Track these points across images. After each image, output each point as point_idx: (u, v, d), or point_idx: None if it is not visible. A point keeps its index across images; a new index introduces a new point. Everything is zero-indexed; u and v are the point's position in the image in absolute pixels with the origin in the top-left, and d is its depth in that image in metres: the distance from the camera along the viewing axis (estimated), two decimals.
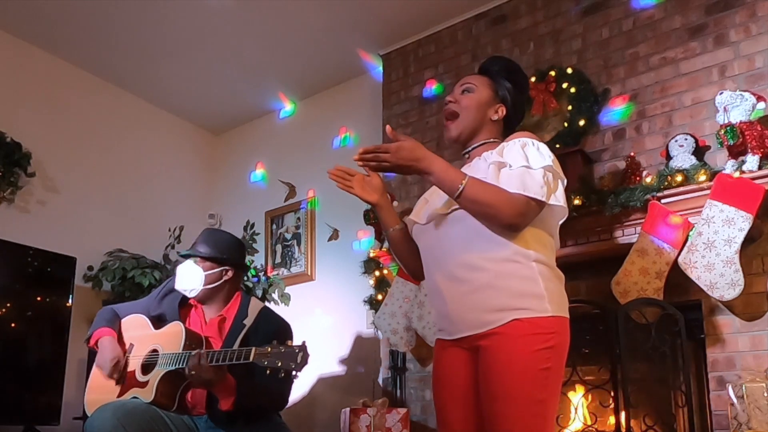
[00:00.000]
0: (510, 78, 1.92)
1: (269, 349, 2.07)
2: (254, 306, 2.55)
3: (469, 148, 1.89)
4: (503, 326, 1.66)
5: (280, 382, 2.37)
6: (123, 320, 2.59)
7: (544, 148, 1.74)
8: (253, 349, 2.12)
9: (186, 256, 2.57)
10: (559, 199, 1.70)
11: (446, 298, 1.76)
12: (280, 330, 2.41)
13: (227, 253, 2.57)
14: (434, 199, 1.87)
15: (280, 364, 2.04)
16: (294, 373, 2.04)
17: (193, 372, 2.19)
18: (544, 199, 1.67)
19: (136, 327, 2.54)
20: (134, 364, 2.44)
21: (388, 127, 1.79)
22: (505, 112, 1.89)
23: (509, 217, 1.65)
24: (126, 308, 2.67)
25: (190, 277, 2.50)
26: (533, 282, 1.69)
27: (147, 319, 2.53)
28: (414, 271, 1.98)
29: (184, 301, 2.58)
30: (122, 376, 2.43)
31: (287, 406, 2.52)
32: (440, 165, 1.69)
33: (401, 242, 1.97)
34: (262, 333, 2.36)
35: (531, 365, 1.64)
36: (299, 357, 2.03)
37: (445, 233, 1.78)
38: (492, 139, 1.86)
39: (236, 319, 2.49)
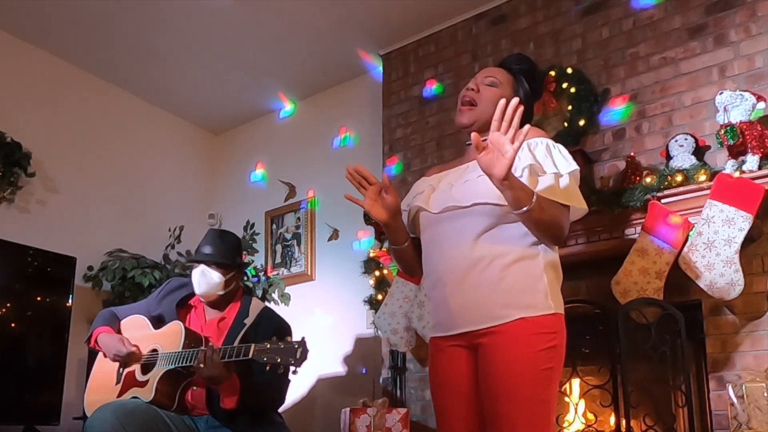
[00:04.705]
0: (530, 82, 1.90)
1: (268, 345, 2.09)
2: (255, 306, 2.56)
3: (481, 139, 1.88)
4: (507, 324, 1.66)
5: (278, 381, 2.38)
6: (123, 321, 2.59)
7: (564, 150, 1.76)
8: (253, 345, 2.13)
9: (198, 261, 2.55)
10: (584, 202, 1.74)
11: (450, 292, 1.74)
12: (280, 329, 2.42)
13: (238, 257, 2.61)
14: (444, 188, 1.84)
15: (279, 360, 2.05)
16: (293, 368, 2.05)
17: (201, 365, 2.19)
18: (585, 207, 1.72)
19: (136, 327, 2.54)
20: (134, 364, 2.45)
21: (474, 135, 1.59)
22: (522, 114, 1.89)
23: (565, 231, 1.70)
24: (126, 310, 2.67)
25: (211, 284, 2.51)
26: (539, 279, 1.70)
27: (147, 320, 2.53)
28: (420, 272, 1.95)
29: (183, 301, 2.59)
30: (132, 358, 2.43)
31: (285, 406, 2.52)
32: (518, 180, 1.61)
33: (409, 254, 1.92)
34: (262, 332, 2.36)
35: (535, 365, 1.64)
36: (298, 353, 2.04)
37: (460, 226, 1.74)
38: None
39: (237, 319, 2.50)
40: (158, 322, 2.52)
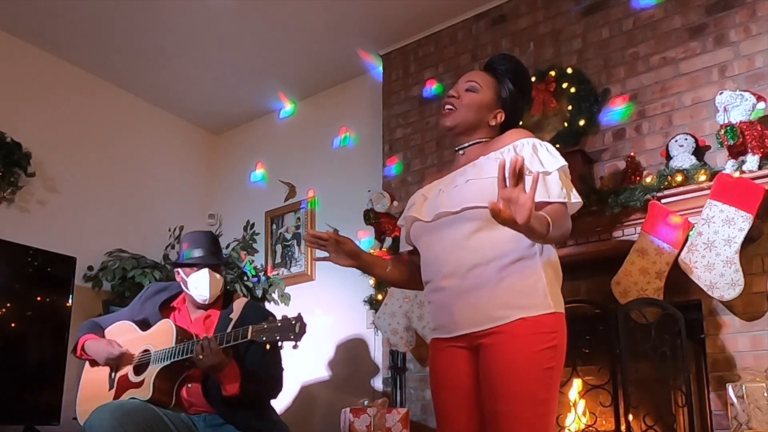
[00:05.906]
0: (515, 81, 1.90)
1: (266, 325, 2.09)
2: (239, 301, 2.59)
3: (465, 145, 1.88)
4: (508, 325, 1.66)
5: (273, 366, 2.41)
6: (107, 329, 2.61)
7: (552, 147, 1.77)
8: (250, 326, 2.14)
9: (197, 264, 2.54)
10: (577, 195, 1.74)
11: (449, 295, 1.75)
12: (268, 317, 2.43)
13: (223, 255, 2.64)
14: (434, 195, 1.86)
15: (278, 337, 2.06)
16: (294, 344, 2.05)
17: (201, 357, 2.20)
18: (580, 200, 1.72)
19: (123, 332, 2.55)
20: (125, 367, 2.45)
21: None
22: (503, 118, 1.88)
23: (570, 230, 1.70)
24: (108, 319, 2.69)
25: (218, 285, 2.53)
26: (538, 278, 1.70)
27: (133, 324, 2.54)
28: (419, 285, 1.96)
29: (165, 304, 2.60)
30: (124, 359, 2.44)
31: (286, 405, 2.53)
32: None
33: (397, 274, 2.00)
34: (249, 323, 2.37)
35: (535, 365, 1.65)
36: (297, 327, 2.05)
37: (453, 231, 1.76)
38: (486, 138, 1.87)
39: (222, 315, 2.53)
40: (144, 325, 2.52)
